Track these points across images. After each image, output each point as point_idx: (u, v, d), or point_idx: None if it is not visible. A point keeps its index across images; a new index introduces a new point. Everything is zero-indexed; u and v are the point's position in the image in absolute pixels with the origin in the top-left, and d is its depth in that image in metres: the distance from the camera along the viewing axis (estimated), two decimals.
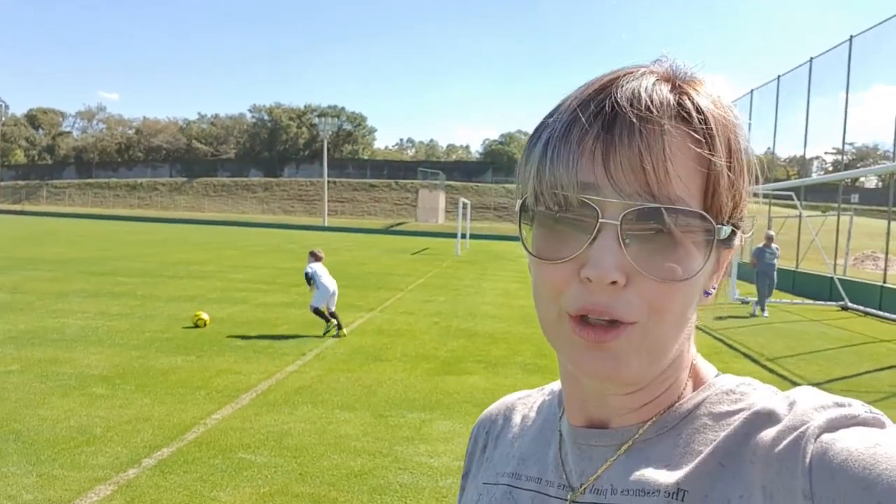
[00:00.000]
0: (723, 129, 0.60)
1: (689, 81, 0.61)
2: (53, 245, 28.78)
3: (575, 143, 0.58)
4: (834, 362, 10.19)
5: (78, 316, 11.40)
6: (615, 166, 0.56)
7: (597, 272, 0.56)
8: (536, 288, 0.63)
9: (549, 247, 0.60)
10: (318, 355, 9.18)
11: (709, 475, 0.59)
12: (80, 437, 5.62)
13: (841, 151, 23.91)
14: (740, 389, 0.65)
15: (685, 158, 0.58)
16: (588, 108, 0.59)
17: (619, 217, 0.56)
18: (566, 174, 0.58)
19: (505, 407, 0.88)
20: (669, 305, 0.59)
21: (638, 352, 0.59)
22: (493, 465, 0.81)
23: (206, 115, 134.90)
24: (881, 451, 0.50)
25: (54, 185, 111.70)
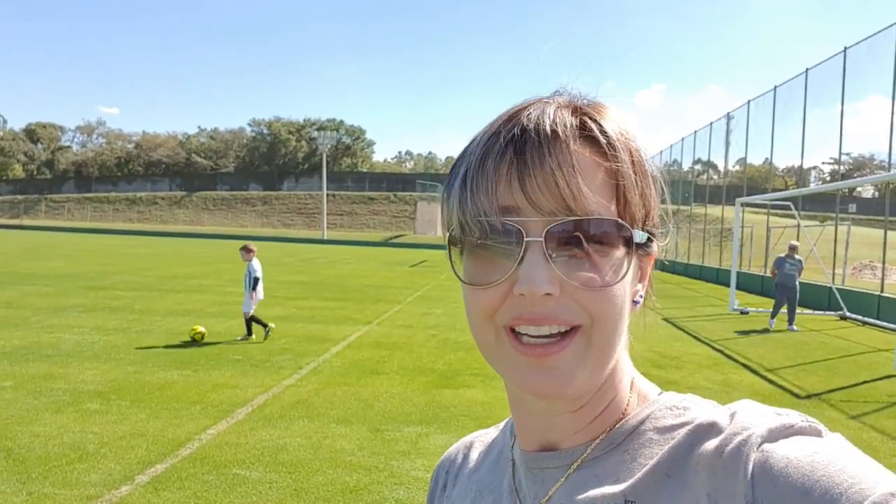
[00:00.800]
0: (624, 143, 0.64)
1: (591, 106, 0.66)
2: (51, 260, 28.74)
3: (491, 171, 0.61)
4: (833, 372, 10.14)
5: (74, 331, 11.34)
6: (531, 187, 0.60)
7: (529, 286, 0.59)
8: (470, 314, 0.65)
9: (479, 272, 0.63)
10: (315, 369, 9.13)
11: (656, 485, 0.61)
12: (72, 454, 5.56)
13: (838, 161, 23.93)
14: (683, 404, 0.68)
15: (594, 172, 0.62)
16: (498, 137, 0.63)
17: (542, 234, 0.60)
18: (486, 201, 0.61)
19: (464, 446, 0.90)
20: (606, 310, 0.61)
21: (583, 363, 0.62)
22: (451, 502, 0.84)
23: (205, 129, 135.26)
24: (819, 458, 0.53)
25: (53, 200, 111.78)
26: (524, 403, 0.71)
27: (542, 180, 0.60)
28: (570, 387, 0.62)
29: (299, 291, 19.37)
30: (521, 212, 0.60)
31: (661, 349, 11.59)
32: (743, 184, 31.99)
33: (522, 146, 0.61)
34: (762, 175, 34.78)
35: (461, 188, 0.64)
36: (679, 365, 10.24)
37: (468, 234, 0.63)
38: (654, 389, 0.73)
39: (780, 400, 8.18)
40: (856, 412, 7.78)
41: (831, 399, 8.42)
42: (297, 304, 16.30)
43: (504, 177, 0.61)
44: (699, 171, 42.53)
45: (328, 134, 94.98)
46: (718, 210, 34.21)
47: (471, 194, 0.62)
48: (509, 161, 0.61)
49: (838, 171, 26.61)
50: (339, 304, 16.84)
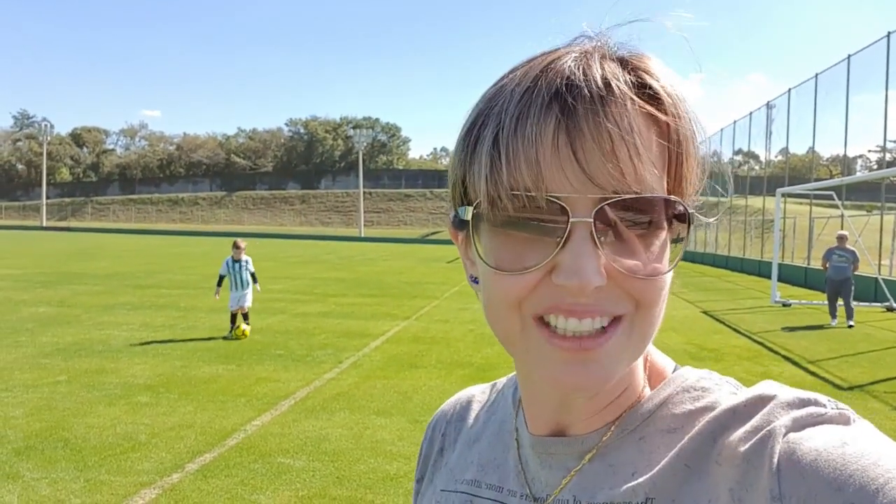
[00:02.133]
0: (682, 105, 0.56)
1: (637, 58, 0.56)
2: (99, 260, 29.58)
3: (533, 136, 0.51)
4: (878, 364, 9.96)
5: (123, 328, 11.73)
6: (583, 156, 0.51)
7: (578, 278, 0.50)
8: (492, 301, 0.57)
9: (509, 256, 0.54)
10: (355, 363, 9.30)
11: (675, 479, 0.57)
12: (125, 444, 5.81)
13: (883, 149, 23.36)
14: (701, 385, 0.63)
15: (650, 140, 0.53)
16: (538, 93, 0.52)
17: (591, 214, 0.51)
18: (527, 171, 0.51)
19: (460, 406, 0.83)
20: (653, 298, 0.55)
21: (624, 354, 0.55)
22: (450, 471, 0.77)
23: (244, 130, 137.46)
24: (850, 450, 0.49)
25: (99, 202, 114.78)
26: (538, 387, 0.65)
27: (597, 149, 0.51)
28: (610, 380, 0.55)
29: (338, 288, 19.64)
30: (567, 185, 0.51)
31: (700, 341, 11.51)
32: (785, 174, 31.41)
33: (573, 105, 0.51)
34: (805, 165, 34.07)
35: (492, 154, 0.53)
36: (718, 357, 10.17)
37: (499, 210, 0.53)
38: (669, 364, 0.68)
39: (822, 391, 7.68)
40: None
41: (875, 391, 8.29)
42: (336, 301, 16.54)
43: (549, 143, 0.51)
44: (740, 161, 41.85)
45: (364, 132, 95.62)
46: (759, 201, 33.64)
47: (506, 163, 0.52)
48: (555, 123, 0.51)
49: (884, 158, 25.98)
50: (377, 300, 17.04)
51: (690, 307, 16.63)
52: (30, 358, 9.11)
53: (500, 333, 0.58)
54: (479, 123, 0.56)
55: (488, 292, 0.57)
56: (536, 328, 0.55)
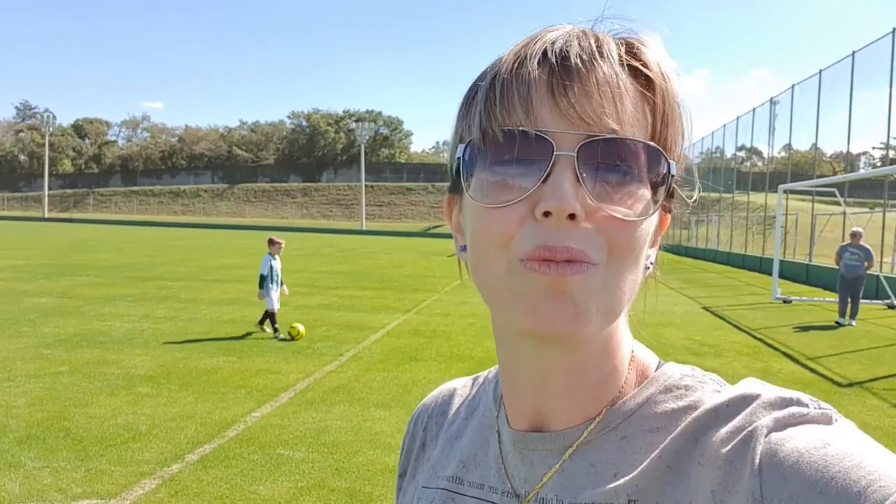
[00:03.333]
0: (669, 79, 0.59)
1: (632, 37, 0.60)
2: (101, 251, 29.63)
3: (527, 77, 0.55)
4: (878, 361, 9.98)
5: (124, 319, 11.76)
6: (572, 96, 0.54)
7: (557, 203, 0.52)
8: (479, 243, 0.58)
9: (495, 190, 0.56)
10: (355, 356, 9.33)
11: (657, 481, 0.57)
12: (126, 434, 5.83)
13: (887, 146, 23.30)
14: (684, 383, 0.63)
15: (637, 102, 0.56)
16: (535, 52, 0.56)
17: (575, 149, 0.53)
18: (520, 106, 0.55)
19: (441, 400, 0.83)
20: (628, 247, 0.56)
21: (597, 299, 0.55)
22: (431, 467, 0.77)
23: (246, 122, 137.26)
24: (832, 451, 0.49)
25: (101, 193, 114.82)
26: (519, 362, 0.64)
27: (584, 93, 0.54)
28: (583, 320, 0.54)
29: (339, 281, 19.67)
30: (554, 122, 0.54)
31: (699, 337, 11.53)
32: (787, 170, 31.37)
33: (566, 57, 0.55)
34: (808, 161, 33.98)
35: (488, 93, 0.57)
36: (717, 353, 10.19)
37: (490, 142, 0.56)
38: (653, 360, 0.67)
39: (821, 388, 8.11)
40: None
41: (874, 388, 8.31)
42: (337, 293, 16.57)
43: (543, 85, 0.55)
44: (742, 157, 41.80)
45: (366, 125, 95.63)
46: (762, 197, 33.62)
47: (500, 99, 0.55)
48: (549, 70, 0.55)
49: (887, 156, 25.93)
50: (378, 293, 17.07)
51: (691, 303, 16.64)
52: (32, 348, 9.15)
53: (485, 280, 0.58)
54: (477, 86, 0.60)
55: (476, 235, 0.58)
56: (520, 266, 0.54)
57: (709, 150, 43.54)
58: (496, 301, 0.58)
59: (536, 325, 0.55)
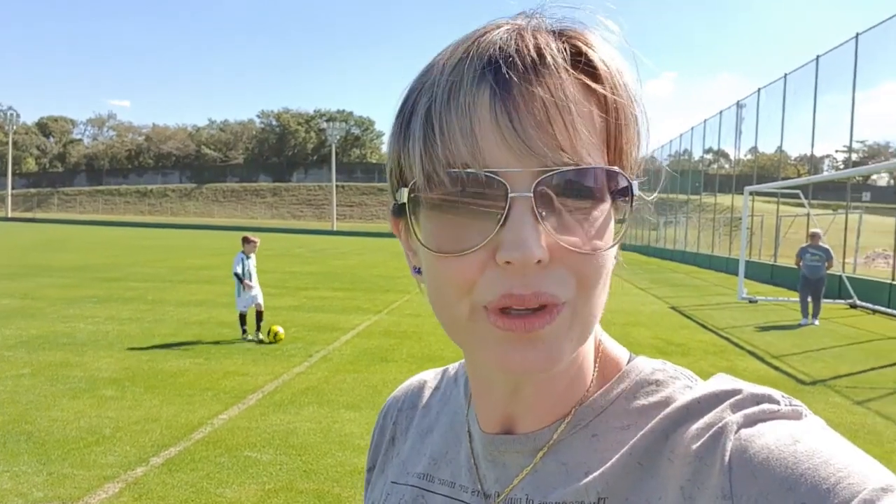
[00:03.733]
0: (620, 76, 0.54)
1: (575, 30, 0.55)
2: (65, 252, 29.06)
3: (466, 107, 0.50)
4: (840, 360, 10.18)
5: (88, 321, 11.54)
6: (518, 126, 0.49)
7: (521, 253, 0.48)
8: (439, 288, 0.55)
9: (449, 237, 0.52)
10: (325, 357, 9.27)
11: (628, 478, 0.56)
12: (89, 438, 5.72)
13: (849, 149, 23.82)
14: (655, 378, 0.62)
15: (588, 111, 0.52)
16: (469, 63, 0.51)
17: (531, 188, 0.49)
18: (463, 144, 0.50)
19: (412, 393, 0.82)
20: (597, 278, 0.53)
21: (569, 335, 0.53)
22: (402, 462, 0.75)
23: (215, 121, 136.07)
24: (801, 448, 0.48)
25: (65, 193, 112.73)
26: (488, 380, 0.63)
27: (531, 119, 0.49)
28: (557, 361, 0.53)
29: (309, 282, 19.53)
30: (504, 159, 0.50)
31: (667, 336, 11.66)
32: (753, 172, 31.89)
33: (505, 74, 0.50)
34: (773, 164, 34.62)
35: (425, 129, 0.51)
36: (685, 352, 10.31)
37: (436, 187, 0.51)
38: (623, 354, 0.66)
39: (785, 385, 8.25)
40: (861, 398, 7.83)
41: (837, 385, 8.47)
42: (307, 294, 16.45)
43: (485, 115, 0.50)
44: (709, 160, 42.38)
45: (337, 125, 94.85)
46: (728, 199, 34.13)
47: (440, 136, 0.50)
48: (490, 93, 0.50)
49: (850, 158, 26.49)
50: (348, 293, 16.99)
51: (659, 303, 16.82)
52: None
53: (447, 321, 0.56)
54: (411, 100, 0.55)
55: (435, 279, 0.55)
56: (486, 314, 0.52)
57: (677, 153, 44.07)
58: (461, 341, 0.57)
59: (508, 371, 0.53)
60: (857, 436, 6.39)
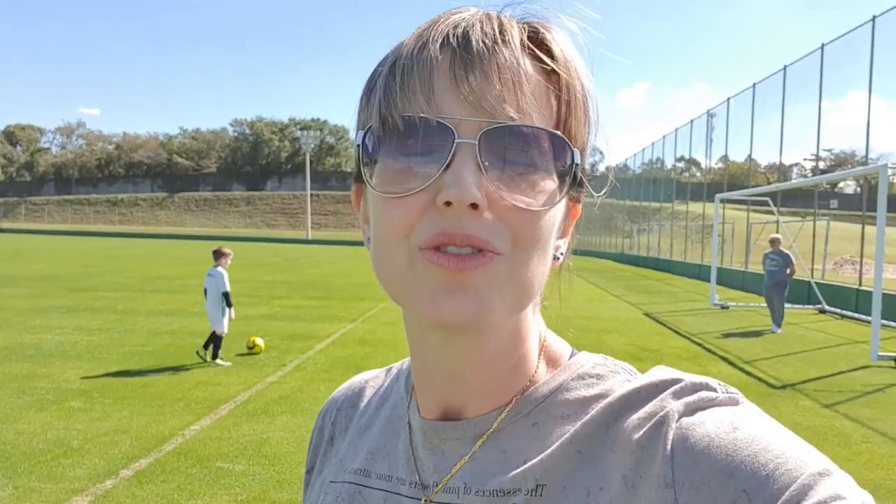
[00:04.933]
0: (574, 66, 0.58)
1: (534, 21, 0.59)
2: (32, 262, 28.51)
3: (428, 62, 0.54)
4: (809, 364, 10.33)
5: (56, 331, 11.32)
6: (474, 82, 0.53)
7: (457, 191, 0.50)
8: (382, 234, 0.56)
9: (397, 180, 0.54)
10: (299, 366, 9.19)
11: (567, 465, 0.57)
12: (56, 450, 5.60)
13: (816, 158, 24.27)
14: (596, 371, 0.63)
15: (540, 88, 0.55)
16: (438, 32, 0.55)
17: (476, 137, 0.52)
18: (421, 92, 0.53)
19: (352, 392, 0.81)
20: (534, 236, 0.55)
21: (501, 289, 0.54)
22: (339, 461, 0.75)
23: (187, 130, 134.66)
24: (741, 435, 0.50)
25: (33, 202, 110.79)
26: (428, 354, 0.63)
27: (486, 79, 0.53)
28: (486, 310, 0.53)
29: (283, 291, 19.38)
30: (455, 109, 0.53)
31: (641, 343, 11.75)
32: (724, 180, 32.34)
33: (467, 42, 0.54)
34: (743, 172, 35.14)
35: (388, 79, 0.55)
36: (658, 358, 10.39)
37: (390, 130, 0.54)
38: (566, 350, 0.67)
39: (755, 390, 8.35)
40: (830, 401, 7.95)
41: (806, 389, 8.60)
42: (281, 303, 16.31)
43: (444, 71, 0.53)
44: (682, 168, 42.95)
45: (312, 134, 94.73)
46: (700, 207, 34.57)
47: (400, 85, 0.54)
48: (451, 54, 0.54)
49: (817, 167, 26.99)
50: (323, 302, 16.88)
51: (633, 309, 16.96)
52: None
53: (386, 274, 0.57)
54: (380, 67, 0.58)
55: (378, 227, 0.57)
56: (420, 256, 0.53)
57: (650, 161, 44.57)
58: (398, 294, 0.57)
59: (439, 317, 0.54)
60: (825, 438, 6.48)
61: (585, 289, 22.00)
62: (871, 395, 8.40)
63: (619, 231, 50.85)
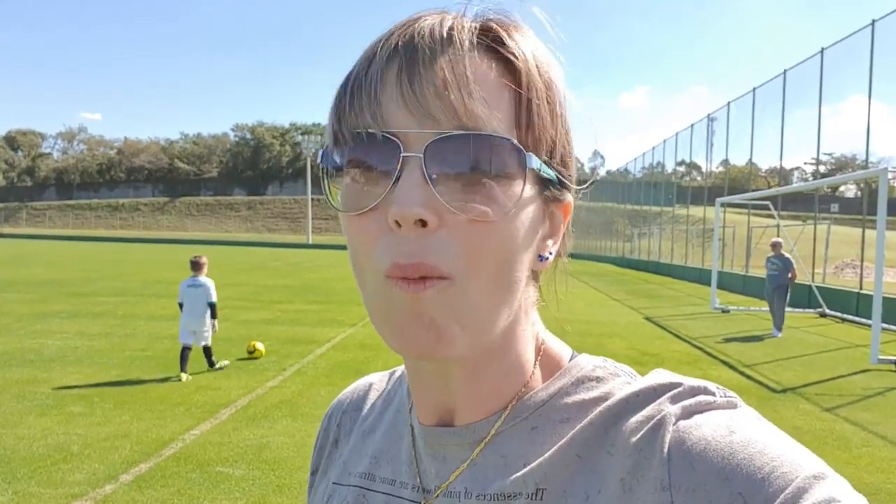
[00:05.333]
0: (533, 60, 0.56)
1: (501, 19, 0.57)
2: (33, 267, 28.53)
3: (375, 74, 0.53)
4: (810, 367, 10.32)
5: (57, 336, 11.32)
6: (419, 92, 0.51)
7: (400, 209, 0.49)
8: (351, 252, 0.57)
9: (353, 197, 0.54)
10: (299, 370, 9.19)
11: (566, 469, 0.57)
12: (56, 455, 5.60)
13: (817, 162, 24.28)
14: (596, 374, 0.62)
15: (495, 88, 0.53)
16: (388, 44, 0.54)
17: (422, 149, 0.51)
18: (367, 108, 0.52)
19: (357, 395, 0.82)
20: (487, 252, 0.52)
21: (459, 317, 0.53)
22: (343, 463, 0.75)
23: (188, 135, 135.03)
24: (737, 438, 0.50)
25: (34, 208, 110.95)
26: (418, 370, 0.64)
27: (430, 86, 0.51)
28: (445, 342, 0.53)
29: (284, 295, 19.37)
30: (402, 122, 0.52)
31: (642, 347, 11.74)
32: (725, 185, 32.34)
33: (413, 50, 0.53)
34: (744, 176, 35.15)
35: (340, 95, 0.55)
36: (659, 362, 10.38)
37: (342, 148, 0.54)
38: (566, 352, 0.67)
39: (756, 393, 8.34)
40: (830, 405, 7.94)
41: (807, 393, 8.58)
42: (281, 308, 16.31)
43: (389, 81, 0.52)
44: (682, 172, 42.94)
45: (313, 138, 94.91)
46: (701, 211, 34.57)
47: (350, 100, 0.53)
48: (398, 65, 0.53)
49: (818, 171, 26.99)
50: (323, 306, 16.87)
51: (634, 313, 16.95)
52: None
53: (365, 295, 0.57)
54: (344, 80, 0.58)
55: (349, 243, 0.56)
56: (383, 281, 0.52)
57: (650, 165, 44.60)
58: (372, 318, 0.57)
59: (403, 349, 0.54)
60: (825, 442, 6.48)
61: (586, 293, 21.99)
62: (872, 398, 8.39)
63: (620, 235, 50.84)
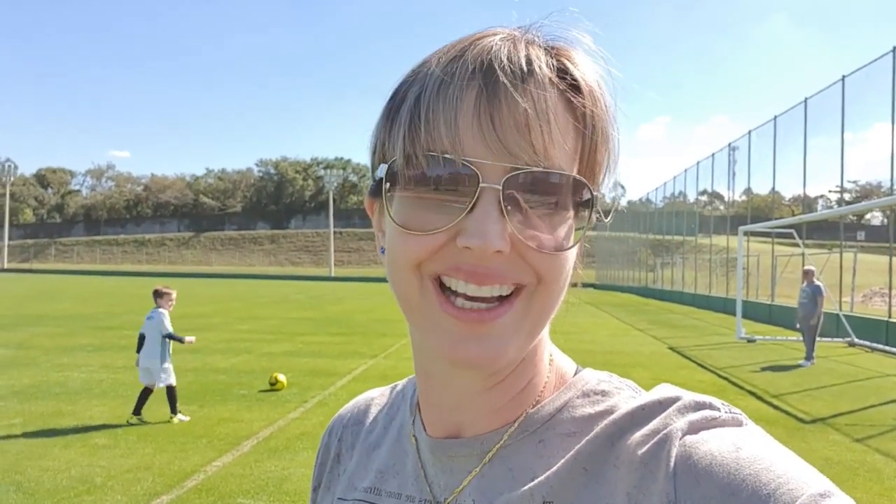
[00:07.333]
0: (600, 95, 0.58)
1: (564, 48, 0.58)
2: (61, 302, 28.96)
3: (454, 100, 0.53)
4: (840, 397, 10.11)
5: (82, 369, 11.45)
6: (499, 126, 0.52)
7: (482, 241, 0.51)
8: (394, 261, 0.57)
9: (418, 216, 0.55)
10: (321, 402, 9.18)
11: (573, 482, 0.57)
12: (80, 487, 5.63)
13: (841, 189, 24.05)
14: (601, 388, 0.64)
15: (566, 124, 0.55)
16: (464, 62, 0.54)
17: (500, 181, 0.52)
18: (445, 133, 0.52)
19: (358, 410, 0.82)
20: (555, 275, 0.56)
21: (519, 331, 0.56)
22: (348, 478, 0.75)
23: (213, 170, 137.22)
24: (743, 454, 0.50)
25: (63, 243, 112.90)
26: (435, 378, 0.64)
27: (512, 122, 0.52)
28: (503, 357, 0.56)
29: (307, 327, 19.44)
30: (480, 152, 0.52)
31: (666, 377, 11.49)
32: (748, 213, 32.08)
33: (494, 78, 0.53)
34: (767, 204, 34.89)
35: (412, 114, 0.54)
36: None
37: (413, 168, 0.54)
38: (570, 366, 0.69)
39: (785, 424, 8.18)
40: (861, 435, 7.76)
41: (836, 423, 8.40)
42: (303, 340, 16.36)
43: (469, 110, 0.53)
44: (704, 201, 42.68)
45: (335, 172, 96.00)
46: (724, 240, 34.26)
47: (425, 123, 0.53)
48: (477, 91, 0.53)
49: (842, 198, 26.73)
50: (345, 338, 16.90)
51: (657, 343, 16.76)
52: None
53: (401, 297, 0.58)
54: (402, 89, 0.58)
55: (392, 252, 0.57)
56: (434, 292, 0.55)
57: (672, 195, 44.42)
58: (413, 320, 0.59)
59: (455, 360, 0.56)
60: (856, 473, 6.32)
61: (609, 323, 21.81)
62: None
63: (643, 265, 50.48)
